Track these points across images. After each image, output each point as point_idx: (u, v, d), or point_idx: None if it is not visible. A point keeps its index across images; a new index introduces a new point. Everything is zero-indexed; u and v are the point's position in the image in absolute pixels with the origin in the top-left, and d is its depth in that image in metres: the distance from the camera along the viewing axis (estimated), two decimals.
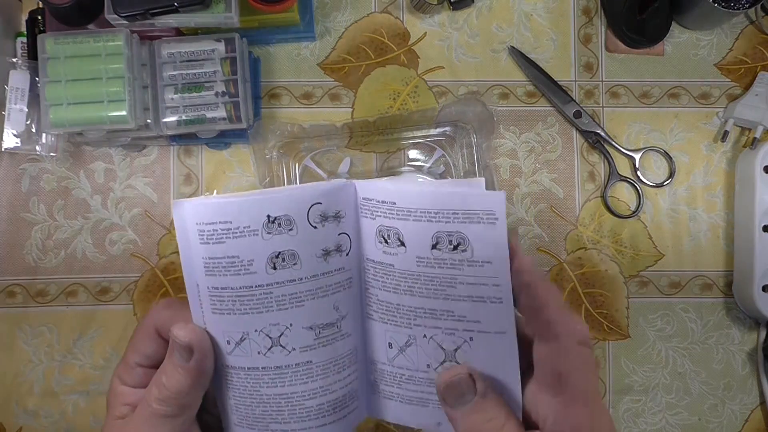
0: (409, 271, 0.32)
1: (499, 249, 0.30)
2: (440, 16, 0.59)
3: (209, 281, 0.31)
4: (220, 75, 0.52)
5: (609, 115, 0.59)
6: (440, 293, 0.32)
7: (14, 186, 0.57)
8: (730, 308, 0.59)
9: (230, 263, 0.31)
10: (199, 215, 0.30)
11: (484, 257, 0.30)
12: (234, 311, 0.32)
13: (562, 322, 0.29)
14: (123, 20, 0.49)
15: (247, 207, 0.30)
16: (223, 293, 0.31)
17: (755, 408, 0.59)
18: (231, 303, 0.31)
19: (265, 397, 0.33)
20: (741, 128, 0.60)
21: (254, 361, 0.33)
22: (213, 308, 0.32)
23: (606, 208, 0.59)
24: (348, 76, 0.59)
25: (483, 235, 0.30)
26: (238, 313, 0.32)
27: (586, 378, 0.29)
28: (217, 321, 0.32)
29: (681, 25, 0.60)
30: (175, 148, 0.58)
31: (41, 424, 0.56)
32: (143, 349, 0.33)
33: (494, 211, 0.29)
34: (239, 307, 0.31)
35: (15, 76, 0.53)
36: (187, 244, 0.31)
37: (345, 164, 0.58)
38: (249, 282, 0.31)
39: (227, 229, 0.30)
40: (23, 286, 0.57)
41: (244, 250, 0.31)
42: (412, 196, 0.31)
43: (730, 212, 0.59)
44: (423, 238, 0.31)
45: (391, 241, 0.32)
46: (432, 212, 0.31)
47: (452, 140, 0.57)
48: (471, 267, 0.31)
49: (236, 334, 0.32)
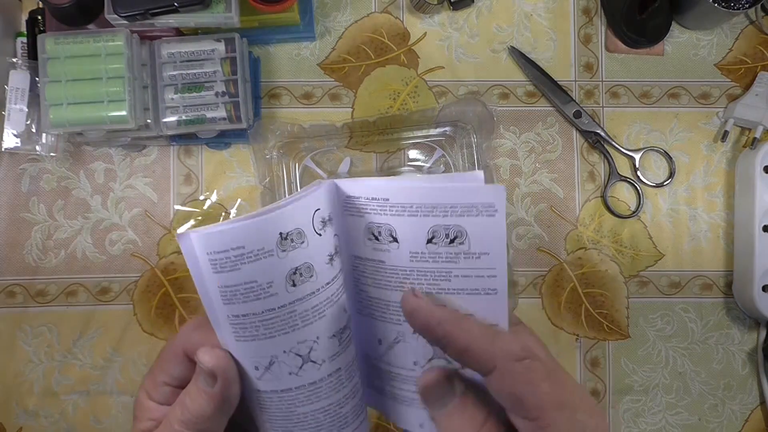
0: (401, 267, 0.32)
1: (497, 240, 0.30)
2: (440, 16, 0.59)
3: (229, 309, 0.30)
4: (220, 75, 0.52)
5: (609, 115, 0.59)
6: (433, 287, 0.32)
7: (14, 186, 0.57)
8: (730, 308, 0.59)
9: (249, 289, 0.29)
10: (209, 245, 0.29)
11: (482, 249, 0.30)
12: (259, 336, 0.30)
13: (490, 351, 0.29)
14: (123, 20, 0.49)
15: (258, 229, 0.29)
16: (245, 320, 0.30)
17: (755, 408, 0.59)
18: (254, 329, 0.30)
19: (301, 416, 0.32)
20: (741, 128, 0.60)
21: (287, 383, 0.31)
22: (236, 336, 0.30)
23: (606, 208, 0.59)
24: (348, 76, 0.59)
25: (481, 228, 0.30)
26: (264, 338, 0.30)
27: (538, 389, 0.28)
28: (243, 348, 0.31)
29: (681, 25, 0.60)
30: (175, 148, 0.58)
31: (41, 424, 0.56)
32: (170, 369, 0.32)
33: (494, 203, 0.29)
34: (264, 331, 0.30)
35: (15, 76, 0.53)
36: (200, 275, 0.29)
37: (345, 164, 0.58)
38: (271, 304, 0.30)
39: (241, 255, 0.29)
40: (23, 286, 0.57)
41: (262, 274, 0.29)
42: (406, 191, 0.31)
43: (730, 212, 0.59)
44: (418, 233, 0.31)
45: (382, 238, 0.32)
46: (428, 206, 0.30)
47: (452, 140, 0.57)
48: (467, 259, 0.31)
49: (264, 359, 0.31)
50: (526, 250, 0.58)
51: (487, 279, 0.30)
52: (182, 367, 0.32)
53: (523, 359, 0.29)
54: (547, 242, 0.59)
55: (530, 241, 0.58)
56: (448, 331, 0.30)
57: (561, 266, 0.59)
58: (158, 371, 0.33)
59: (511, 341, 0.30)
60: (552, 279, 0.59)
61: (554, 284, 0.59)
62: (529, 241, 0.58)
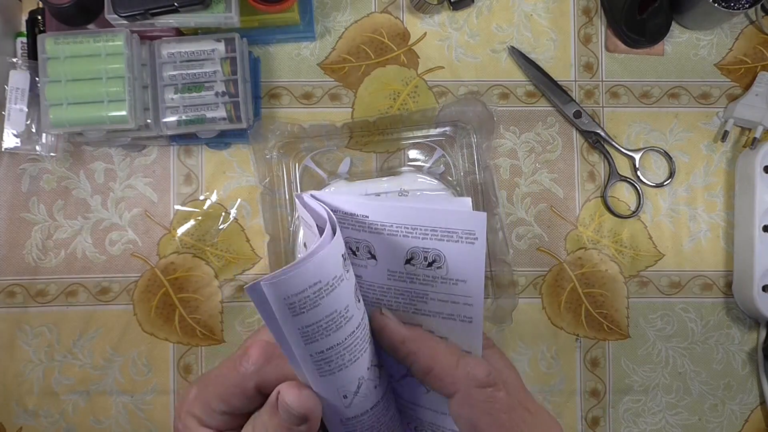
0: (378, 284, 0.32)
1: (475, 269, 0.29)
2: (440, 16, 0.59)
3: (311, 348, 0.28)
4: (220, 75, 0.52)
5: (609, 115, 0.59)
6: (410, 307, 0.31)
7: (14, 186, 0.57)
8: (730, 308, 0.59)
9: (330, 321, 0.28)
10: (286, 290, 0.26)
11: (459, 276, 0.30)
12: (345, 365, 0.29)
13: (453, 374, 0.29)
14: (123, 20, 0.49)
15: (329, 255, 0.27)
16: (329, 353, 0.28)
17: (755, 408, 0.59)
18: (340, 358, 0.28)
19: (389, 422, 0.32)
20: (741, 128, 0.60)
21: (374, 398, 0.31)
22: (320, 372, 0.28)
23: (606, 208, 0.59)
24: (348, 76, 0.59)
25: (460, 254, 0.29)
26: (350, 364, 0.29)
27: (497, 420, 0.28)
28: (329, 382, 0.29)
29: (681, 25, 0.60)
30: (175, 148, 0.58)
31: (41, 424, 0.56)
32: (234, 402, 0.30)
33: (475, 231, 0.29)
34: (349, 357, 0.29)
35: (15, 76, 0.53)
36: (276, 323, 0.27)
37: (345, 164, 0.58)
38: (351, 328, 0.28)
39: (319, 290, 0.27)
40: (23, 286, 0.57)
41: (340, 300, 0.28)
42: (386, 210, 0.30)
43: (730, 212, 0.59)
44: (397, 253, 0.30)
45: (360, 253, 0.31)
46: (409, 227, 0.30)
47: (452, 140, 0.57)
48: (444, 284, 0.30)
49: (352, 384, 0.29)
50: (526, 250, 0.58)
51: (463, 306, 0.30)
52: (250, 401, 0.30)
53: (485, 386, 0.29)
54: (547, 242, 0.59)
55: (530, 241, 0.58)
56: (411, 350, 0.30)
57: (561, 266, 0.59)
58: (216, 400, 0.30)
59: (476, 365, 0.29)
60: (552, 279, 0.59)
61: (554, 284, 0.59)
62: (529, 241, 0.58)
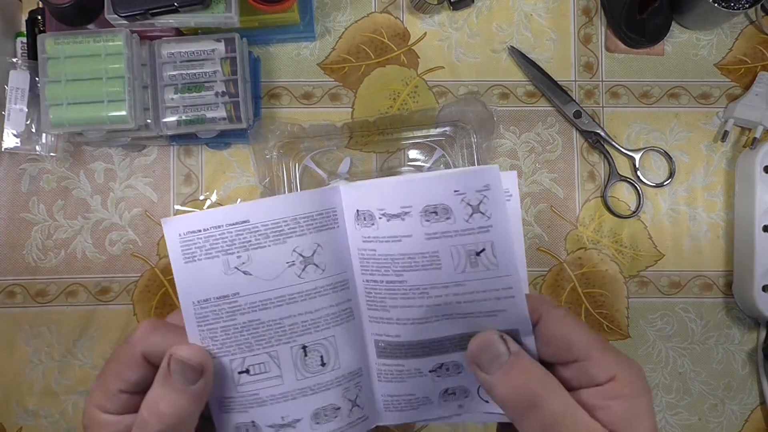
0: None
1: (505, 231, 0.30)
2: (440, 16, 0.59)
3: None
4: (220, 75, 0.52)
5: (609, 115, 0.59)
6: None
7: (14, 186, 0.57)
8: (730, 308, 0.59)
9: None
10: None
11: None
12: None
13: (530, 305, 0.30)
14: (123, 20, 0.49)
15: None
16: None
17: (755, 408, 0.59)
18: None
19: None
20: (741, 128, 0.60)
21: None
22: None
23: (606, 208, 0.59)
24: (348, 76, 0.59)
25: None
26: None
27: (583, 330, 0.30)
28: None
29: (681, 25, 0.60)
30: (175, 148, 0.58)
31: (41, 424, 0.56)
32: (127, 375, 0.30)
33: (505, 187, 0.31)
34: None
35: (15, 76, 0.53)
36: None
37: (345, 164, 0.58)
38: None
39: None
40: (23, 286, 0.57)
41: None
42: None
43: (730, 212, 0.59)
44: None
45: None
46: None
47: (452, 140, 0.57)
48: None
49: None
50: (526, 250, 0.58)
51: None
52: (142, 372, 0.30)
53: (559, 308, 0.31)
54: (547, 242, 0.59)
55: (530, 241, 0.58)
56: (581, 351, 0.30)
57: (561, 266, 0.59)
58: (111, 379, 0.30)
59: (542, 298, 0.31)
60: (552, 279, 0.59)
61: (554, 284, 0.59)
62: (529, 241, 0.58)
